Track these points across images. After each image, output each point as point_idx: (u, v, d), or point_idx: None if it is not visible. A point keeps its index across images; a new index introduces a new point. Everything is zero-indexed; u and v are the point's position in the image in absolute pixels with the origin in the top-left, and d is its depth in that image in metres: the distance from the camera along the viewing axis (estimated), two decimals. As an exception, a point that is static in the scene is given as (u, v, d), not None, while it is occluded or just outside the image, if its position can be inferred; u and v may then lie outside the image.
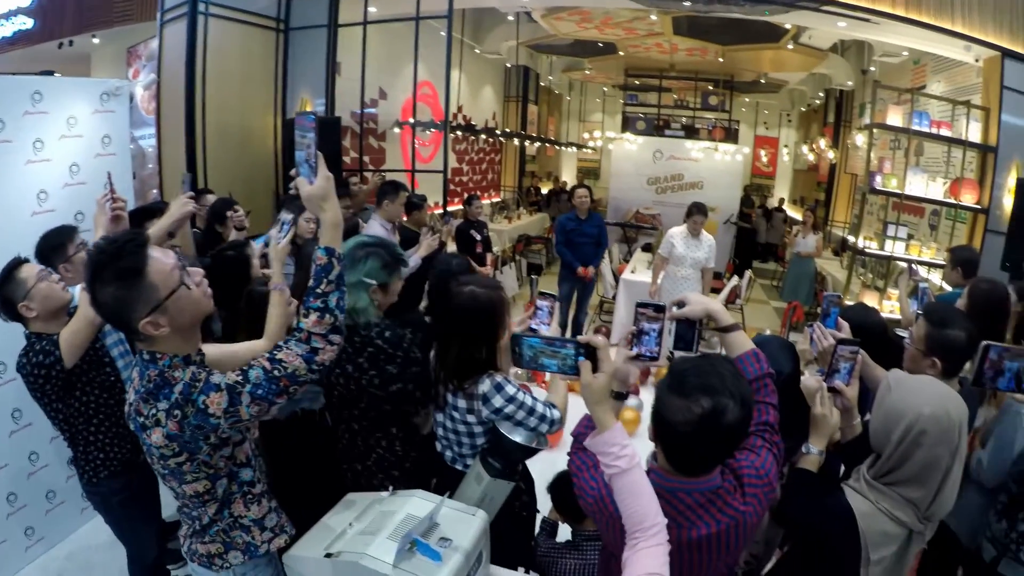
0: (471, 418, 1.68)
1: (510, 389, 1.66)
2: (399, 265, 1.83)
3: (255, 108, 5.31)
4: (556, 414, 1.70)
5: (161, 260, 1.18)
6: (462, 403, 1.67)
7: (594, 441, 1.18)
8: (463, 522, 1.34)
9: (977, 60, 5.47)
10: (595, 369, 1.22)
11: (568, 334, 5.40)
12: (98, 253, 1.15)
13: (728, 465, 1.23)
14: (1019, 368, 1.66)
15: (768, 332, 6.38)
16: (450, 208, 8.46)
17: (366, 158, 6.46)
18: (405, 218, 4.41)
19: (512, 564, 1.74)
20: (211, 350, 1.39)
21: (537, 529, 2.02)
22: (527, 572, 1.95)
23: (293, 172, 1.32)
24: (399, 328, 1.77)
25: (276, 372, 1.20)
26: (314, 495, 1.65)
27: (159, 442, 1.18)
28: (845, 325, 1.82)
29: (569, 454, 1.41)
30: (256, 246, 2.38)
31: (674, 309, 1.34)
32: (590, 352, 1.23)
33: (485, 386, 1.64)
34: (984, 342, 1.68)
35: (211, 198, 3.45)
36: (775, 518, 1.69)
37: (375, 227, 3.80)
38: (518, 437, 1.56)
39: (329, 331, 1.25)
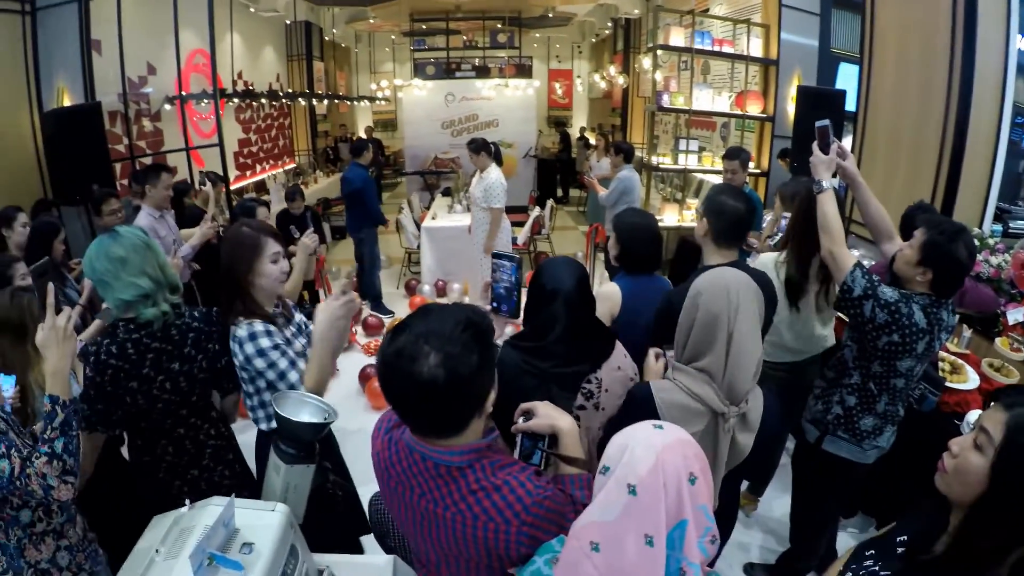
0: (236, 361, 1.72)
1: (264, 342, 1.67)
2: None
3: (4, 104, 4.43)
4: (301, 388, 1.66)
5: None
6: (234, 345, 1.70)
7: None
8: (263, 520, 1.26)
9: (759, -19, 5.80)
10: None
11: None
12: None
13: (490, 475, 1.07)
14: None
15: (580, 255, 6.79)
16: (240, 184, 7.89)
17: (141, 143, 5.73)
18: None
19: (338, 545, 1.73)
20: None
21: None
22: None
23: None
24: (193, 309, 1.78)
25: (18, 483, 1.24)
26: (123, 519, 1.63)
27: None
28: None
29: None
30: None
31: (520, 420, 1.20)
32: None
33: (242, 330, 1.68)
34: None
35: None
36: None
37: (143, 218, 3.53)
38: (305, 416, 1.42)
39: (62, 473, 1.27)
